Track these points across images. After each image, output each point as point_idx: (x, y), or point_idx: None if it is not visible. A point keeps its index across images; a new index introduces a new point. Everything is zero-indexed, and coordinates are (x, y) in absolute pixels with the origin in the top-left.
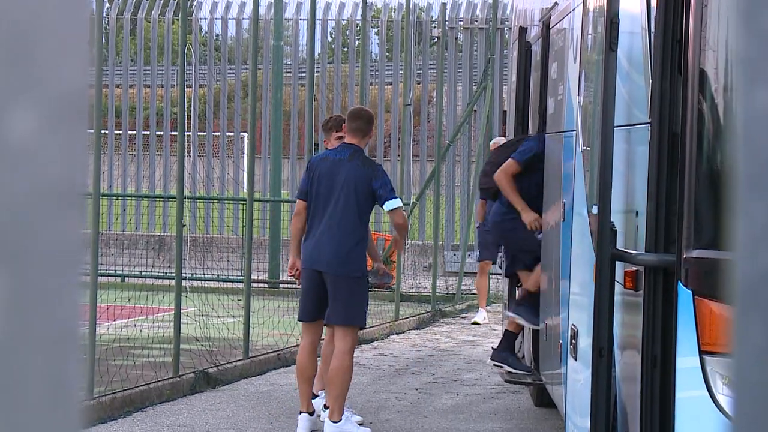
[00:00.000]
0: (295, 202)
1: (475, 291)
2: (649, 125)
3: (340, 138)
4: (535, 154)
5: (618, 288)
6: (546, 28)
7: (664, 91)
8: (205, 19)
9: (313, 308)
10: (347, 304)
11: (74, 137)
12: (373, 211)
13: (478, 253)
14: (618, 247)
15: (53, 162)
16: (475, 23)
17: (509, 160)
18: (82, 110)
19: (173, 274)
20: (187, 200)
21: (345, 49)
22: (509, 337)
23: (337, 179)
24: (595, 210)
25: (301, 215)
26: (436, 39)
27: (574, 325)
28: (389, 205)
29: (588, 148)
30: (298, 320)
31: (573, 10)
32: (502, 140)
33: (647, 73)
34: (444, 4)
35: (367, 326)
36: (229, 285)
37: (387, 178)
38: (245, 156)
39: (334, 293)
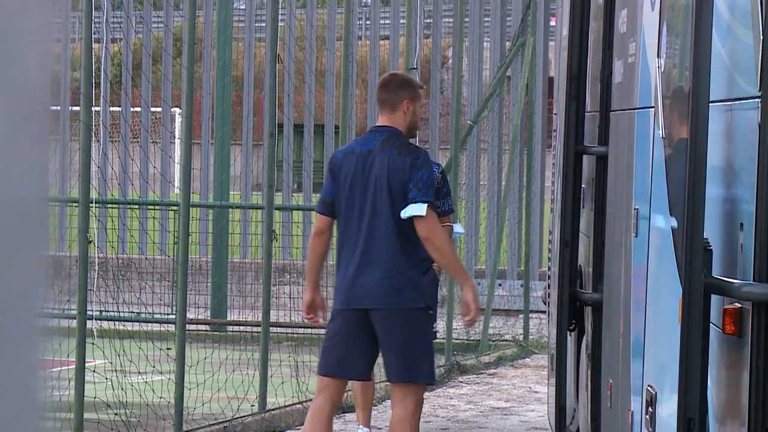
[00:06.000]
0: (253, 207)
1: (506, 336)
2: (759, 100)
3: None
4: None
5: (714, 332)
6: None
7: None
8: None
9: (349, 361)
10: (406, 352)
11: (37, 144)
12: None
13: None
14: (714, 274)
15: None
16: None
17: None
18: (44, 113)
19: (74, 312)
20: (94, 205)
21: None
22: None
23: (370, 179)
24: (676, 222)
25: (323, 236)
26: None
27: (651, 386)
28: (408, 210)
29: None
30: (318, 374)
31: None
32: None
33: (757, 25)
34: None
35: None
36: (155, 327)
37: (428, 171)
38: (178, 142)
39: (386, 338)
